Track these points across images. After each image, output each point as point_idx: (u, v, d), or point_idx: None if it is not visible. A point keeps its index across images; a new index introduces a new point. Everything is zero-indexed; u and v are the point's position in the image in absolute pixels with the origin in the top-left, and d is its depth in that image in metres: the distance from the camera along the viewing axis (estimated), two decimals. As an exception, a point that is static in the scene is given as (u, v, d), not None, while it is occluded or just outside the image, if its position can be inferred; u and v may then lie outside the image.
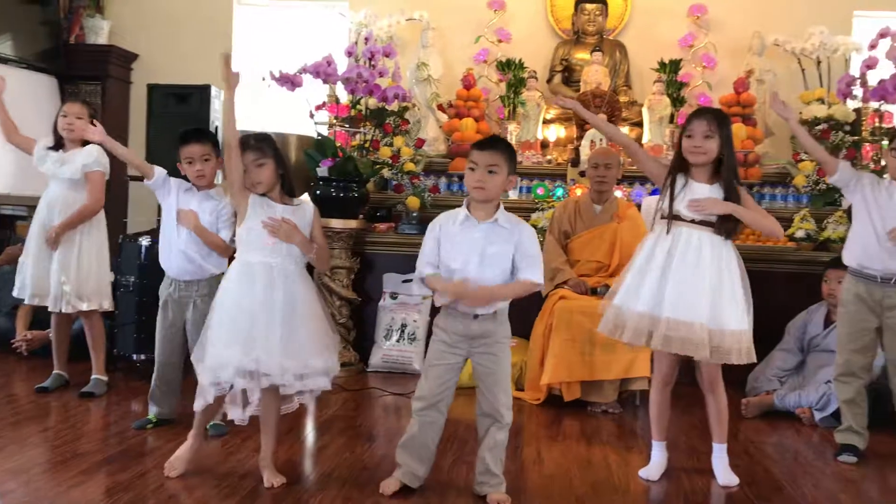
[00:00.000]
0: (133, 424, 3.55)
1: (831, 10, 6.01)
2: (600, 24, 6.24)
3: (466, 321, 2.79)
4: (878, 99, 4.62)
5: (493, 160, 2.74)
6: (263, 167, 2.88)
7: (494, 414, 2.81)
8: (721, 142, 3.02)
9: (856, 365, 3.55)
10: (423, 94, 6.11)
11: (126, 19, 6.59)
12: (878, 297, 3.46)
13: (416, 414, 2.85)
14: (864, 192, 3.48)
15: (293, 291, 2.85)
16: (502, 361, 2.82)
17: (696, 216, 3.02)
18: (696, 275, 2.97)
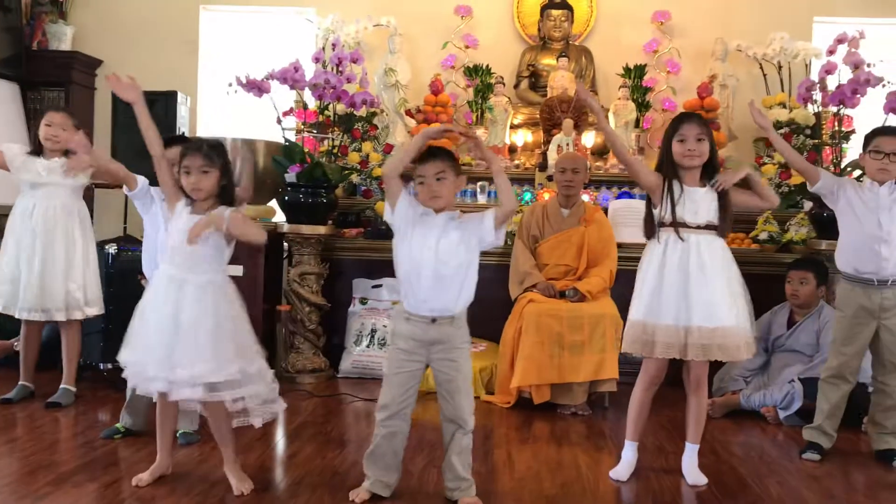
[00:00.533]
0: (101, 434, 3.51)
1: (792, 16, 6.12)
2: (566, 30, 6.30)
3: (423, 326, 2.80)
4: (836, 103, 4.70)
5: (439, 168, 2.79)
6: (207, 175, 2.85)
7: (458, 420, 2.82)
8: (710, 142, 3.09)
9: (847, 368, 3.58)
10: (392, 100, 6.12)
11: (90, 25, 6.51)
12: (876, 300, 3.49)
13: (381, 424, 2.85)
14: (847, 197, 3.53)
15: (183, 304, 2.80)
16: (462, 367, 2.83)
17: (700, 222, 3.07)
18: (715, 279, 3.04)
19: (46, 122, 4.00)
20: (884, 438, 3.58)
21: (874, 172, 3.49)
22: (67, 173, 3.96)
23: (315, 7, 6.36)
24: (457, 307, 2.81)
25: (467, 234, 2.79)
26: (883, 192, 3.47)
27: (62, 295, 3.96)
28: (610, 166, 5.76)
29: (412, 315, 2.82)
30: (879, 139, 3.49)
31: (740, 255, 4.89)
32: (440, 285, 2.76)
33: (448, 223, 2.80)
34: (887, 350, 3.53)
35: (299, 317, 4.86)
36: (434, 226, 2.79)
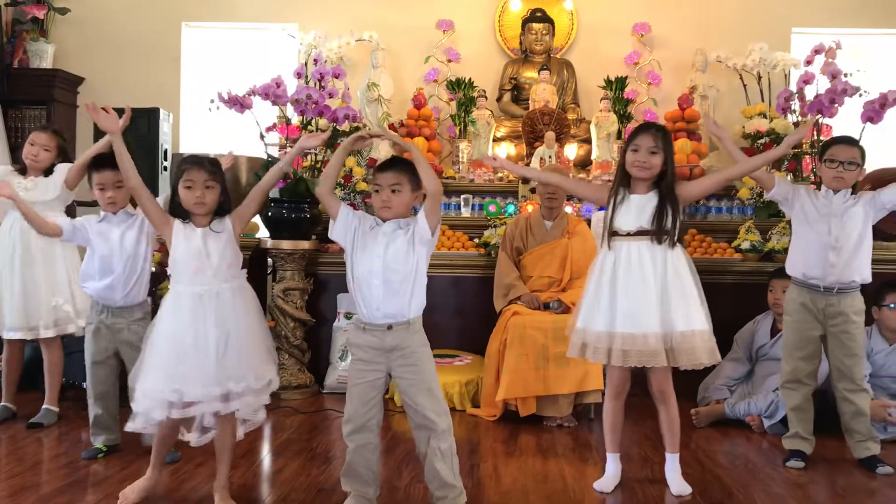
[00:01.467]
0: (83, 454, 3.49)
1: (771, 27, 6.19)
2: (547, 43, 6.34)
3: (380, 333, 2.79)
4: (814, 112, 4.75)
5: (395, 179, 2.80)
6: (211, 189, 2.87)
7: (426, 423, 2.79)
8: (664, 157, 3.10)
9: (802, 372, 3.64)
10: (375, 114, 6.13)
11: (71, 43, 6.51)
12: (821, 306, 3.56)
13: (348, 438, 2.83)
14: (802, 204, 3.59)
15: (224, 316, 2.81)
16: (423, 370, 2.82)
17: (631, 228, 3.09)
18: (641, 286, 3.05)
19: (30, 142, 4.01)
20: (863, 445, 3.60)
21: (829, 181, 3.55)
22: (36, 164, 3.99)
23: (297, 23, 6.38)
24: (410, 312, 2.81)
25: (410, 237, 2.80)
26: (836, 199, 3.53)
27: (48, 311, 3.94)
28: (593, 178, 5.78)
29: (368, 324, 2.81)
30: (835, 148, 3.55)
31: (722, 265, 4.99)
32: (391, 292, 2.77)
33: (395, 231, 2.81)
34: (835, 357, 3.59)
35: (283, 332, 4.85)
36: (382, 234, 2.80)
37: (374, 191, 2.84)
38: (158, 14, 6.49)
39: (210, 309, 2.80)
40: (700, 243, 5.17)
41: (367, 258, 2.79)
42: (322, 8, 6.40)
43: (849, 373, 3.57)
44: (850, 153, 3.51)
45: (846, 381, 3.59)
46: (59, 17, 6.39)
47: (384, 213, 2.81)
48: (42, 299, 3.94)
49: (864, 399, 3.61)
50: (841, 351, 3.57)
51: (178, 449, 3.43)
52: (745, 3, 6.30)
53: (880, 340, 4.21)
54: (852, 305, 3.54)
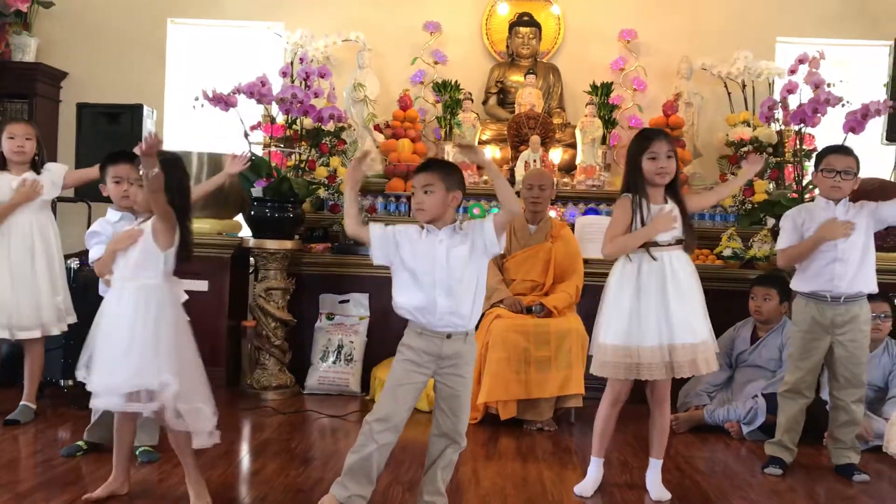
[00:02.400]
0: (61, 451, 3.45)
1: (756, 36, 6.22)
2: (534, 48, 6.35)
3: (438, 341, 2.77)
4: (797, 122, 4.79)
5: (426, 180, 2.77)
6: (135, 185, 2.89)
7: (454, 435, 2.81)
8: (676, 160, 3.14)
9: (804, 383, 3.63)
10: (360, 115, 6.12)
11: (55, 36, 6.44)
12: (829, 316, 3.55)
13: (376, 435, 2.76)
14: (808, 229, 3.57)
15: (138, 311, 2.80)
16: (468, 383, 2.83)
17: (669, 239, 3.10)
18: (690, 295, 3.10)
19: (9, 135, 3.94)
20: (843, 453, 3.62)
21: (827, 190, 3.56)
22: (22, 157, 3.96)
23: (284, 21, 6.35)
24: (471, 322, 2.80)
25: (473, 244, 2.78)
26: (838, 211, 3.54)
27: (34, 312, 3.91)
28: (577, 182, 5.80)
29: (426, 330, 2.78)
30: (830, 157, 3.56)
31: (704, 272, 4.97)
32: (455, 300, 2.74)
33: (452, 237, 2.78)
34: (841, 365, 3.59)
35: (265, 332, 4.82)
36: (439, 241, 2.77)
37: (412, 194, 2.83)
38: (144, 10, 6.44)
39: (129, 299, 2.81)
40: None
41: (425, 265, 2.75)
42: (309, 7, 6.38)
43: (856, 381, 3.58)
44: (847, 162, 3.53)
45: (851, 390, 3.59)
46: (42, 10, 6.32)
47: (419, 216, 2.79)
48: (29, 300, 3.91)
49: (861, 409, 3.64)
50: (849, 360, 3.56)
51: (157, 449, 3.41)
52: (730, 12, 6.34)
53: (860, 349, 4.24)
54: (860, 314, 3.56)
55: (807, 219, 3.59)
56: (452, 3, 6.44)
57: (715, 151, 6.04)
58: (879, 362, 4.22)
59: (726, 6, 6.34)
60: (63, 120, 6.29)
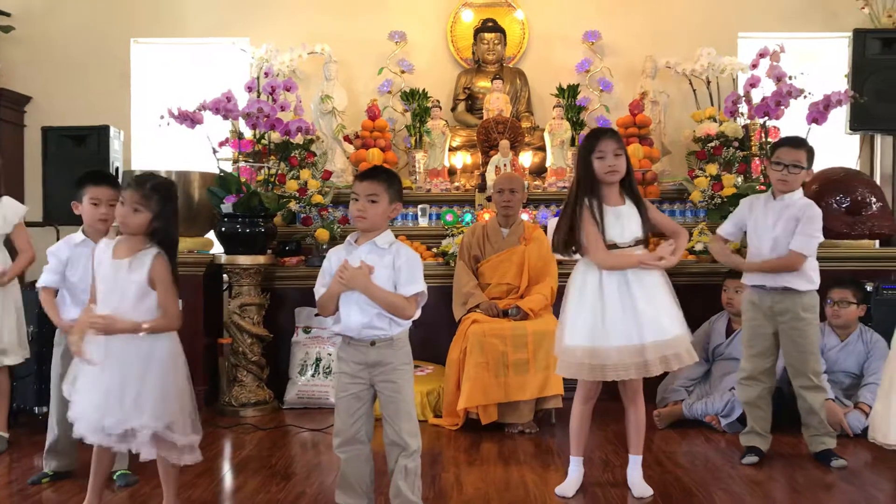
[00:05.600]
0: (29, 480, 3.42)
1: (717, 32, 6.28)
2: (499, 53, 6.37)
3: (363, 349, 2.79)
4: (762, 115, 4.84)
5: (372, 189, 2.78)
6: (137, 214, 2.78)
7: (399, 442, 2.79)
8: (626, 158, 3.14)
9: (757, 369, 3.70)
10: (329, 126, 6.10)
11: (17, 61, 6.38)
12: (768, 304, 3.63)
13: (337, 451, 2.82)
14: (746, 223, 3.72)
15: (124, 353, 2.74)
16: (403, 388, 2.81)
17: (628, 241, 3.12)
18: (656, 292, 3.11)
19: None
20: (818, 439, 3.66)
21: (776, 182, 3.63)
22: None
23: (249, 37, 6.34)
24: (392, 330, 2.79)
25: (390, 269, 2.77)
26: (770, 210, 3.62)
27: None
28: (548, 185, 5.82)
29: (353, 340, 2.80)
30: (781, 150, 3.62)
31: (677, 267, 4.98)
32: (366, 315, 2.75)
33: (371, 252, 2.79)
34: (786, 353, 3.67)
35: (241, 349, 4.79)
36: (356, 258, 2.77)
37: (353, 199, 2.81)
38: (106, 31, 6.39)
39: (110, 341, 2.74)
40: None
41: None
42: (273, 21, 6.36)
43: (802, 369, 3.64)
44: (795, 156, 3.57)
45: (800, 378, 3.65)
46: (2, 34, 6.27)
47: (359, 223, 2.79)
48: None
49: (816, 396, 3.66)
50: (792, 348, 3.63)
51: (135, 472, 3.37)
52: (692, 9, 6.40)
53: (833, 336, 4.30)
54: (800, 303, 3.60)
55: (749, 210, 3.71)
56: (417, 12, 6.46)
57: (683, 148, 6.09)
58: (854, 349, 4.27)
59: (688, 4, 6.40)
60: (28, 144, 6.23)
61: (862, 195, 5.14)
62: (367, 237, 2.82)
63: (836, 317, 4.26)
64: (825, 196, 5.04)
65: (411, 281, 2.76)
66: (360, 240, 2.83)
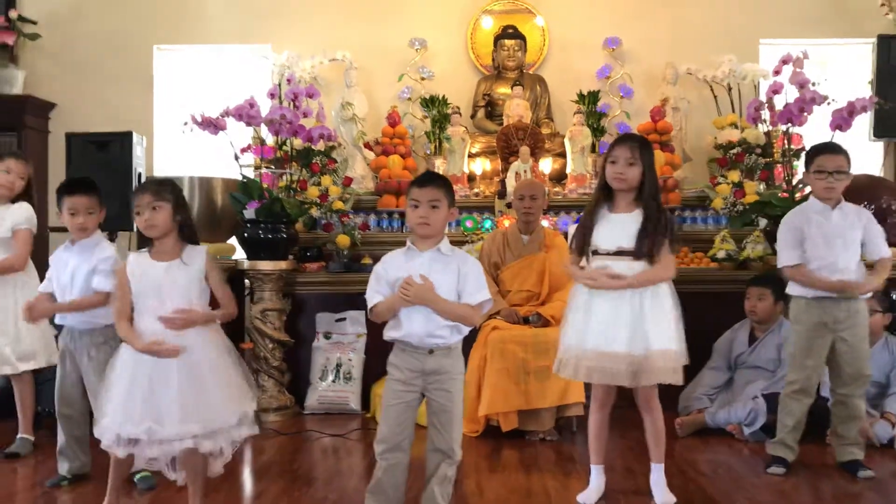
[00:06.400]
0: (47, 483, 3.44)
1: (739, 38, 6.26)
2: (520, 59, 6.38)
3: (420, 356, 2.78)
4: (784, 122, 4.81)
5: (434, 195, 2.77)
6: (158, 210, 2.82)
7: (447, 451, 2.79)
8: (643, 168, 3.10)
9: (812, 382, 3.62)
10: (349, 133, 6.13)
11: (41, 68, 6.46)
12: (831, 314, 3.54)
13: (380, 457, 2.80)
14: (806, 236, 3.58)
15: (189, 352, 2.77)
16: (456, 397, 2.81)
17: (610, 248, 3.10)
18: (615, 304, 3.05)
19: (5, 169, 3.94)
20: (847, 449, 3.62)
21: (821, 191, 3.56)
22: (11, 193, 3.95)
23: (270, 44, 6.38)
24: (452, 339, 2.79)
25: (455, 277, 2.77)
26: (835, 217, 3.54)
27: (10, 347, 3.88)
28: (568, 191, 5.81)
29: (409, 347, 2.79)
30: (821, 158, 3.55)
31: (699, 274, 5.02)
32: (432, 322, 2.74)
33: (435, 261, 2.78)
34: (844, 361, 3.58)
35: (262, 354, 4.81)
36: (420, 265, 2.76)
37: (413, 206, 2.78)
38: (129, 38, 6.46)
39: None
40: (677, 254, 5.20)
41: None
42: (294, 28, 6.40)
43: (860, 376, 3.59)
44: (837, 162, 3.53)
45: (854, 385, 3.59)
46: (29, 42, 6.35)
47: (422, 230, 2.77)
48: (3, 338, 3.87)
49: (863, 405, 3.65)
50: (851, 354, 3.56)
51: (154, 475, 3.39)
52: (713, 16, 6.38)
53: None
54: (861, 310, 3.57)
55: (804, 223, 3.58)
56: (437, 19, 6.48)
57: (704, 155, 6.06)
58: (879, 358, 4.23)
59: (708, 11, 6.38)
60: (53, 151, 6.30)
61: (886, 203, 5.08)
62: (427, 243, 2.80)
63: None
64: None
65: (479, 288, 2.78)
66: (421, 246, 2.81)
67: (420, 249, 2.80)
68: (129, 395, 2.72)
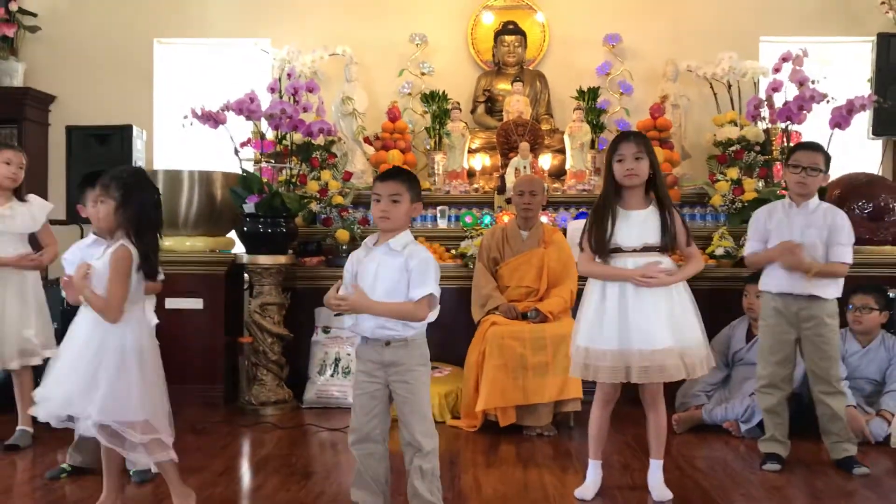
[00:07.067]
0: (47, 474, 3.46)
1: (739, 36, 6.27)
2: (520, 55, 6.38)
3: (378, 348, 2.80)
4: (784, 119, 4.83)
5: (395, 189, 2.79)
6: (102, 205, 2.86)
7: (413, 443, 2.80)
8: (650, 161, 3.13)
9: (778, 376, 3.68)
10: (350, 128, 6.14)
11: (42, 61, 6.46)
12: (794, 310, 3.60)
13: (352, 447, 2.84)
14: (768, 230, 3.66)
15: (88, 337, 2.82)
16: (417, 389, 2.81)
17: (636, 245, 3.11)
18: (654, 302, 3.07)
19: (5, 161, 3.94)
20: (840, 446, 3.64)
21: (793, 185, 3.61)
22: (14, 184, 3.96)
23: (270, 38, 6.38)
24: (406, 332, 2.80)
25: (403, 268, 2.78)
26: (797, 216, 3.59)
27: (16, 342, 3.89)
28: (567, 187, 5.82)
29: (368, 339, 2.83)
30: (798, 153, 3.61)
31: (698, 272, 5.02)
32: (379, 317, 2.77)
33: (383, 258, 2.79)
34: (809, 360, 3.64)
35: (261, 348, 4.82)
36: (372, 259, 2.81)
37: (375, 200, 2.82)
38: (130, 31, 6.46)
39: (92, 326, 2.82)
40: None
41: (363, 281, 2.78)
42: (295, 23, 6.41)
43: (824, 375, 3.62)
44: (813, 159, 3.56)
45: (822, 384, 3.63)
46: (29, 35, 6.35)
47: (383, 224, 2.80)
48: (13, 330, 3.88)
49: (839, 402, 3.65)
50: (815, 354, 3.61)
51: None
52: (713, 13, 6.38)
53: (854, 343, 4.27)
54: (824, 309, 3.59)
55: (767, 220, 3.67)
56: (438, 15, 6.48)
57: (703, 152, 6.07)
58: (876, 356, 4.25)
59: (709, 8, 6.39)
60: (53, 143, 6.31)
61: (885, 201, 5.11)
62: (386, 238, 2.83)
63: (858, 323, 4.24)
64: (847, 202, 5.01)
65: (421, 284, 2.76)
66: (380, 240, 2.84)
67: (378, 245, 2.83)
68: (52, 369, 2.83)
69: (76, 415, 2.76)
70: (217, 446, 3.99)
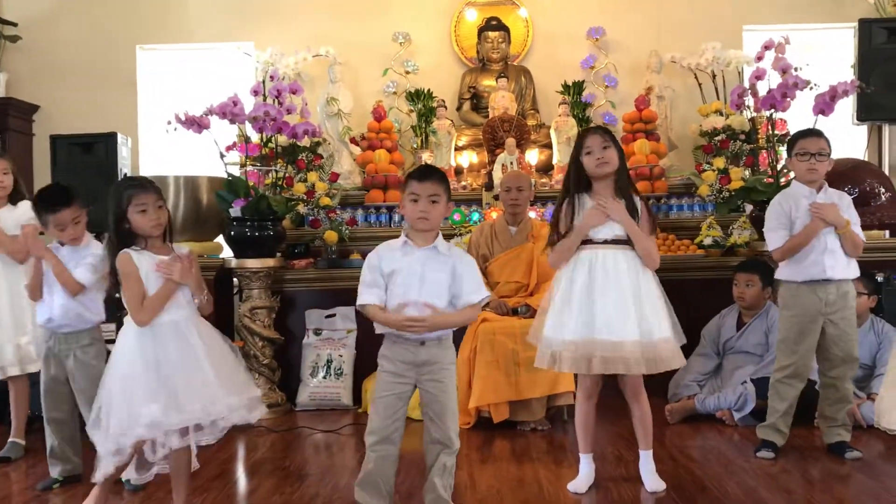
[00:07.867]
0: (38, 486, 3.43)
1: (722, 25, 6.28)
2: (504, 51, 6.38)
3: (413, 348, 2.78)
4: (768, 107, 4.83)
5: (434, 190, 2.77)
6: (163, 209, 2.85)
7: (445, 441, 2.80)
8: (617, 152, 3.14)
9: (805, 366, 3.64)
10: (335, 129, 6.13)
11: (24, 70, 6.43)
12: (822, 297, 3.56)
13: (370, 449, 2.80)
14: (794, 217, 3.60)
15: (205, 339, 2.83)
16: (449, 387, 2.82)
17: (607, 236, 3.11)
18: (619, 293, 3.07)
19: None
20: (835, 431, 3.65)
21: (804, 174, 3.59)
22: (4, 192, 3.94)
23: (253, 41, 6.36)
24: (442, 331, 2.79)
25: (450, 272, 2.78)
26: (821, 200, 3.56)
27: (13, 350, 3.87)
28: (555, 182, 5.82)
29: (400, 338, 2.79)
30: (803, 141, 3.60)
31: (686, 261, 5.04)
32: (427, 313, 2.74)
33: (428, 261, 2.77)
34: (833, 344, 3.60)
35: (253, 352, 4.80)
36: (416, 261, 2.77)
37: (412, 200, 2.77)
38: (111, 38, 6.44)
39: (192, 333, 2.81)
40: (663, 241, 5.22)
41: (401, 280, 2.75)
42: (277, 25, 6.39)
43: (849, 358, 3.61)
44: (819, 144, 3.57)
45: (844, 367, 3.62)
46: (9, 45, 6.32)
47: (421, 224, 2.77)
48: (8, 337, 3.86)
49: (851, 387, 3.69)
50: (840, 337, 3.59)
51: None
52: (696, 3, 6.39)
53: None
54: (849, 291, 3.60)
55: (793, 206, 3.60)
56: (420, 13, 6.47)
57: (690, 142, 6.08)
58: (865, 340, 4.26)
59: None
60: (37, 153, 6.29)
61: (870, 186, 5.13)
62: (423, 239, 2.80)
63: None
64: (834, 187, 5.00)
65: (477, 287, 2.80)
66: (418, 241, 2.80)
67: (417, 245, 2.80)
68: (151, 386, 2.71)
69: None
70: (210, 450, 3.96)
